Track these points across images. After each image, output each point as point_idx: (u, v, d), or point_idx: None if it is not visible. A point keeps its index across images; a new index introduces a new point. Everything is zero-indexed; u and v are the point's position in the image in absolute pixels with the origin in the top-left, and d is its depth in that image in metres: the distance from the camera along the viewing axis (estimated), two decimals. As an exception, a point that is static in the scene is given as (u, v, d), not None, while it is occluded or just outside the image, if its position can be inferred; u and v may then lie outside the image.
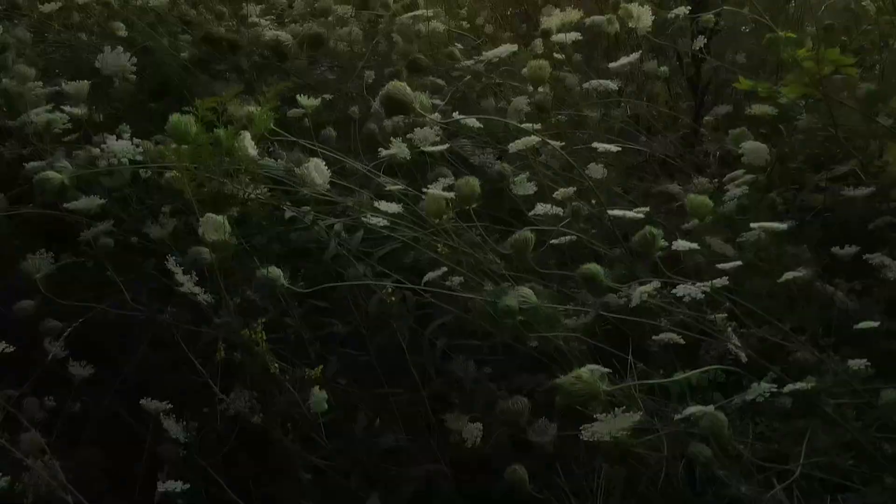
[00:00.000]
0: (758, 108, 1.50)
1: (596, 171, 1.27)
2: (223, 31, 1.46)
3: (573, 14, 1.38)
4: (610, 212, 1.01)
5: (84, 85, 1.25)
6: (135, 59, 1.39)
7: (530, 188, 1.24)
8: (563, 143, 1.41)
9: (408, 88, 1.02)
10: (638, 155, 1.58)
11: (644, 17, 1.49)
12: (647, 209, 1.08)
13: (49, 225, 1.30)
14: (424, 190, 1.04)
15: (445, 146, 1.27)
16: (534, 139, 1.11)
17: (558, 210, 1.06)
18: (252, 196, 1.03)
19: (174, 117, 0.98)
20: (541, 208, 1.07)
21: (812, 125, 1.52)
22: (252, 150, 0.96)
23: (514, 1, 1.94)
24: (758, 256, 1.28)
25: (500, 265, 1.14)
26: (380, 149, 1.25)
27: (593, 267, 0.94)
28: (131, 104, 1.49)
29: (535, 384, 1.20)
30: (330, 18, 1.49)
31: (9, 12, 1.60)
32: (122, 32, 1.37)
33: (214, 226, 0.96)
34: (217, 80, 1.52)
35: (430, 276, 1.09)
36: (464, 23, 1.81)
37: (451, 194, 1.03)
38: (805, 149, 1.52)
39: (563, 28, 1.37)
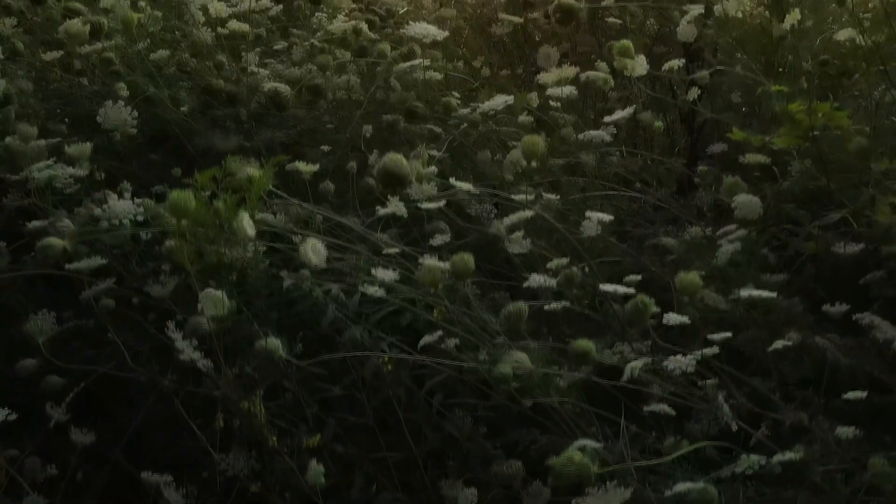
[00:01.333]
0: (751, 157, 1.52)
1: (590, 228, 1.29)
2: (222, 82, 1.48)
3: (569, 70, 1.39)
4: (602, 287, 1.02)
5: (85, 148, 1.26)
6: (135, 113, 1.42)
7: (526, 245, 1.26)
8: (559, 196, 1.44)
9: (404, 161, 1.04)
10: (633, 202, 1.60)
11: (639, 66, 1.51)
12: (639, 277, 1.09)
13: (51, 279, 1.32)
14: (421, 260, 1.06)
15: (442, 202, 1.29)
16: (528, 213, 1.13)
17: (552, 283, 1.08)
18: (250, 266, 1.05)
19: (173, 194, 0.99)
20: (535, 279, 1.09)
21: (804, 169, 1.54)
22: (250, 230, 0.98)
23: (512, 40, 1.95)
24: (750, 311, 1.30)
25: (495, 322, 1.16)
26: (377, 207, 1.27)
27: (585, 344, 0.96)
28: (131, 152, 1.50)
29: (530, 440, 1.22)
30: (328, 73, 1.51)
31: (11, 58, 1.62)
32: (125, 92, 1.38)
33: (213, 301, 0.98)
34: (216, 129, 1.54)
35: (425, 340, 1.11)
36: (460, 63, 1.83)
37: (447, 265, 1.05)
38: (797, 196, 1.53)
39: (560, 82, 1.39)
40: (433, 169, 1.43)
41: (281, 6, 1.73)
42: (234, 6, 1.56)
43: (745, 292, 1.09)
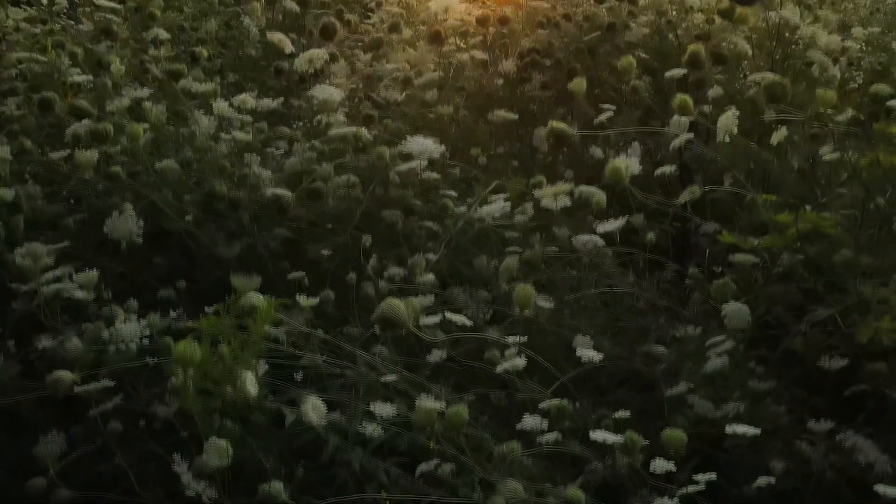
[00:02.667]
0: (740, 257, 1.56)
1: (584, 345, 1.33)
2: (225, 188, 1.52)
3: (564, 186, 1.43)
4: (591, 435, 1.06)
5: (92, 276, 1.30)
6: (141, 223, 1.46)
7: (520, 363, 1.30)
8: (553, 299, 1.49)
9: (402, 307, 1.08)
10: (627, 297, 1.64)
11: (633, 166, 1.55)
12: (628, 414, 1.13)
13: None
14: (417, 402, 1.10)
15: (438, 318, 1.32)
16: (522, 338, 1.17)
17: (545, 424, 1.12)
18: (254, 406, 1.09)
19: (179, 347, 1.03)
20: (528, 421, 1.13)
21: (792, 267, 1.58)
22: (252, 388, 1.02)
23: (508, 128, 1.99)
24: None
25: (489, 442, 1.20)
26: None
27: (576, 493, 1.00)
28: (137, 254, 1.54)
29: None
30: (327, 169, 1.55)
31: (18, 156, 1.66)
32: (130, 210, 1.42)
33: (217, 451, 1.02)
34: (220, 230, 1.58)
35: (422, 467, 1.16)
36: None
37: (442, 406, 1.09)
38: (786, 296, 1.57)
39: (556, 195, 1.43)
40: (430, 277, 1.48)
41: (281, 98, 1.78)
42: (235, 108, 1.60)
43: (729, 430, 1.13)
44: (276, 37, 1.62)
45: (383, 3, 2.51)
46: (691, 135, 1.34)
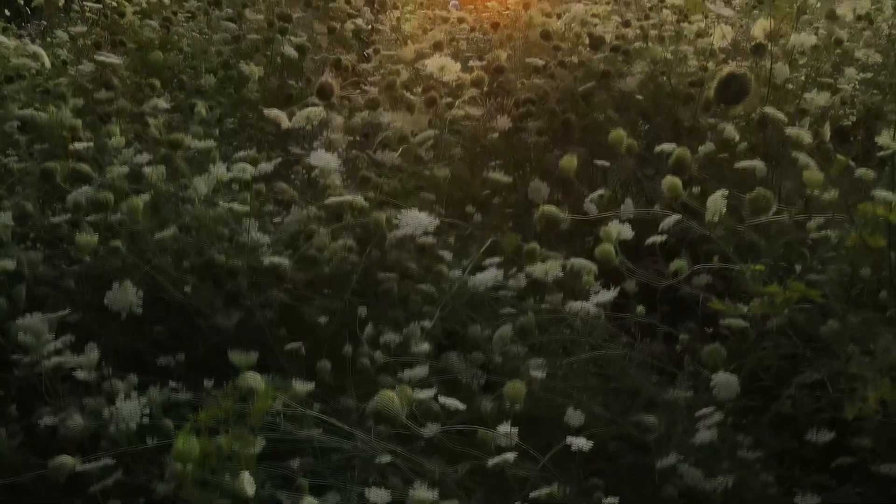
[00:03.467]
0: (730, 321, 1.58)
1: (574, 419, 1.35)
2: (224, 258, 1.55)
3: (555, 264, 1.46)
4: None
5: (93, 358, 1.33)
6: (141, 294, 1.49)
7: (510, 457, 1.31)
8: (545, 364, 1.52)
9: (395, 399, 1.11)
10: (619, 358, 1.66)
11: (625, 232, 1.57)
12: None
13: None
14: (410, 493, 1.12)
15: (433, 392, 1.35)
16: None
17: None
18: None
19: (178, 443, 1.06)
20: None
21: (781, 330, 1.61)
22: (250, 488, 1.04)
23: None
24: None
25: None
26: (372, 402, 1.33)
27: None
28: (136, 323, 1.57)
29: None
30: (323, 237, 1.57)
31: (20, 220, 1.68)
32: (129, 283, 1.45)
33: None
34: (218, 292, 1.61)
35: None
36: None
37: (435, 496, 1.11)
38: (775, 358, 1.60)
39: (548, 272, 1.45)
40: (425, 347, 1.51)
41: (279, 159, 1.80)
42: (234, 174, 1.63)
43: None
44: (273, 113, 1.64)
45: (380, 50, 2.54)
46: (679, 216, 1.37)
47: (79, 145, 1.62)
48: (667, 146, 1.44)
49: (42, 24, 3.84)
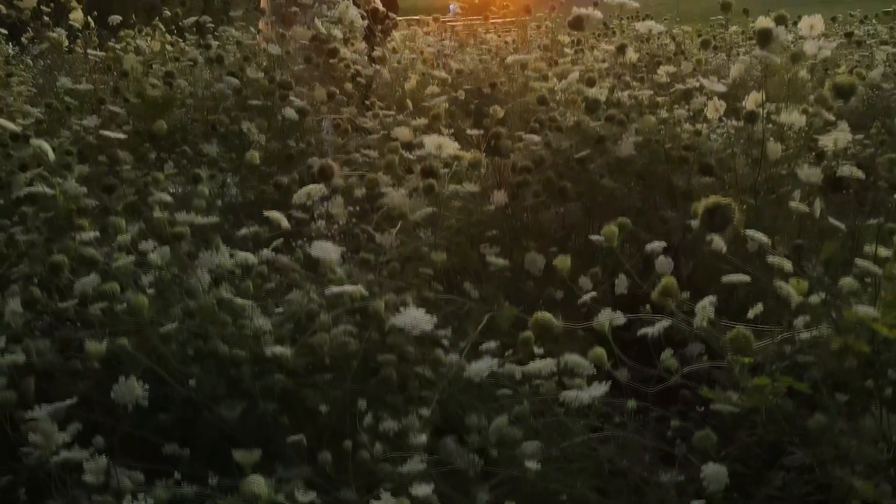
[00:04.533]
0: (721, 406, 1.63)
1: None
2: (227, 348, 1.59)
3: (548, 362, 1.50)
4: None
5: (102, 463, 1.37)
6: (147, 387, 1.53)
7: (506, 535, 1.37)
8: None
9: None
10: (612, 440, 1.71)
11: (618, 319, 1.62)
12: None
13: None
14: None
15: (431, 488, 1.40)
16: None
17: None
18: None
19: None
20: None
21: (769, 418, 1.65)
22: None
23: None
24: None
25: None
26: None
27: None
28: (142, 416, 1.61)
29: None
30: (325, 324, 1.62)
31: (28, 304, 1.72)
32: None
33: None
34: (220, 380, 1.65)
35: None
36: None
37: None
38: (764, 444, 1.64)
39: (542, 370, 1.50)
40: (423, 439, 1.55)
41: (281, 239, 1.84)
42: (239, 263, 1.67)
43: None
44: (273, 215, 1.69)
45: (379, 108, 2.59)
46: (669, 322, 1.41)
47: (85, 235, 1.66)
48: (657, 244, 1.48)
49: (46, 62, 3.89)
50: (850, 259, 1.54)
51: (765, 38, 1.96)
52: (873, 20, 5.70)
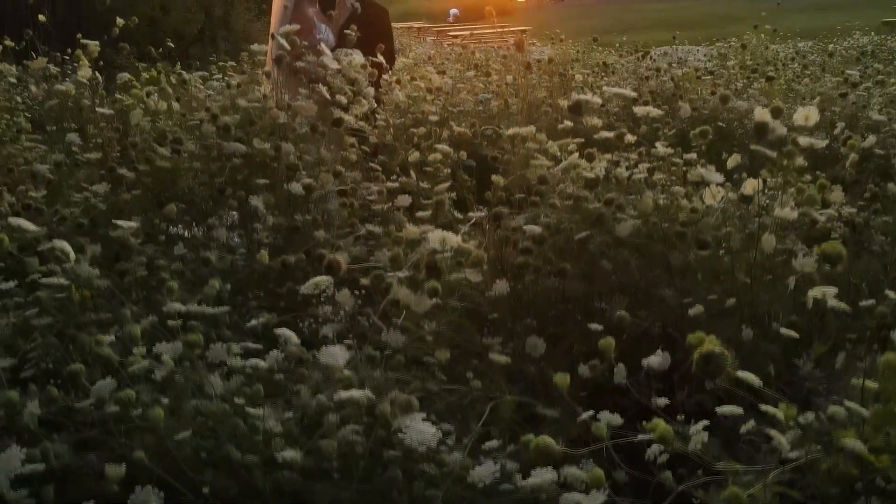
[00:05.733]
0: (716, 505, 1.69)
1: None
2: (239, 454, 1.65)
3: (549, 475, 1.56)
4: None
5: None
6: (162, 495, 1.59)
7: None
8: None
9: None
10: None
11: (615, 420, 1.68)
12: None
13: None
14: None
15: None
16: None
17: None
18: None
19: None
20: None
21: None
22: None
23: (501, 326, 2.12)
24: None
25: None
26: None
27: None
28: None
29: None
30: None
31: (45, 402, 1.78)
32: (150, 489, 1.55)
33: None
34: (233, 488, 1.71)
35: None
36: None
37: None
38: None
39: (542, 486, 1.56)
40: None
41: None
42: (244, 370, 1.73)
43: None
44: (281, 331, 1.74)
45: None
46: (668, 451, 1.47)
47: (103, 338, 1.72)
48: (654, 359, 1.54)
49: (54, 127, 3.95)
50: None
51: (762, 132, 2.01)
52: (870, 58, 5.76)
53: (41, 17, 7.25)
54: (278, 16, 3.91)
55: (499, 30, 21.69)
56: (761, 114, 2.04)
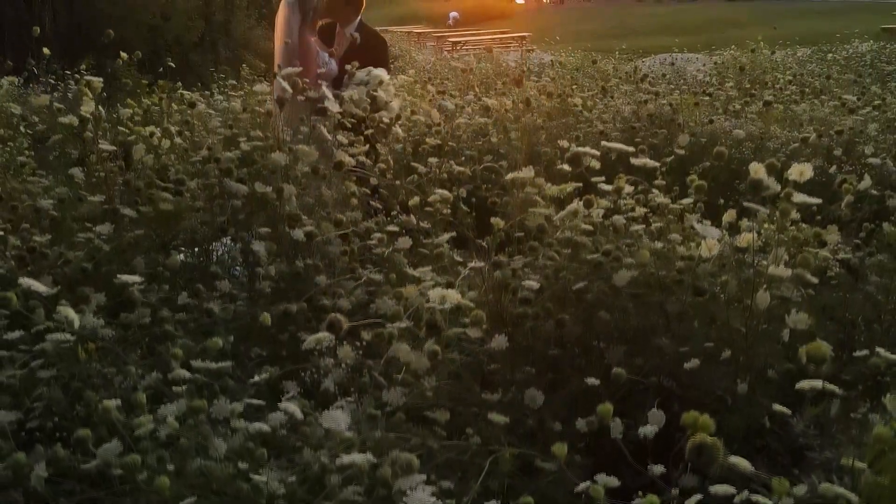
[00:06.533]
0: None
1: None
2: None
3: None
4: None
5: None
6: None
7: None
8: None
9: None
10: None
11: (611, 482, 1.72)
12: None
13: None
14: None
15: None
16: None
17: None
18: None
19: None
20: None
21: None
22: None
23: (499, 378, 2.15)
24: None
25: None
26: None
27: None
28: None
29: None
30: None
31: (52, 462, 1.81)
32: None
33: None
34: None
35: None
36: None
37: None
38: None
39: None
40: None
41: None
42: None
43: None
44: (289, 408, 1.77)
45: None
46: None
47: (109, 404, 1.75)
48: (649, 429, 1.58)
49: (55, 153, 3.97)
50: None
51: (756, 188, 2.04)
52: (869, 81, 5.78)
53: (36, 30, 7.30)
54: (280, 52, 3.94)
55: (498, 36, 21.78)
56: (756, 170, 2.07)
